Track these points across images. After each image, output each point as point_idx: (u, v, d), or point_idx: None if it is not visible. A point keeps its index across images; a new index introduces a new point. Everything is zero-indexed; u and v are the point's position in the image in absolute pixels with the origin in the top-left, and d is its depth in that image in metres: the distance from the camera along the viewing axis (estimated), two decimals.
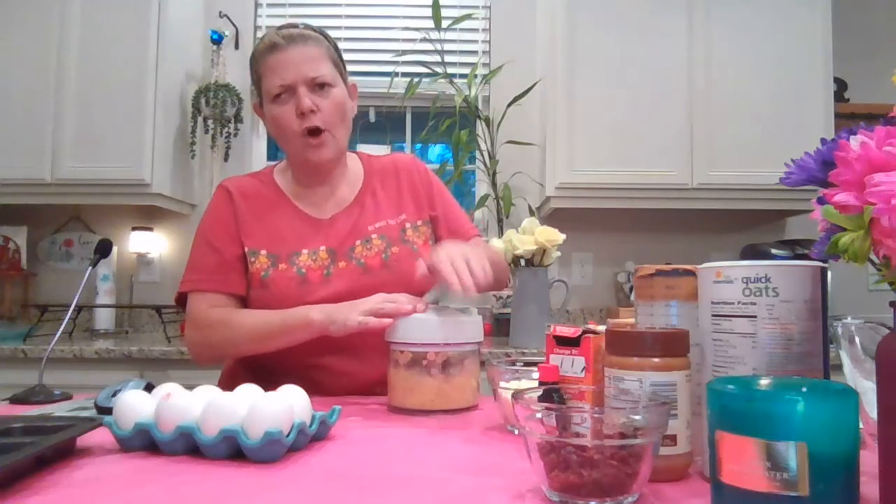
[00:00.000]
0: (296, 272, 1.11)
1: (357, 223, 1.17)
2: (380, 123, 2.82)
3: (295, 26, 1.13)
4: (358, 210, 1.19)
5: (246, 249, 1.12)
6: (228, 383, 1.05)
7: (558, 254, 2.13)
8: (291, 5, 2.80)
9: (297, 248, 1.13)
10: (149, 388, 0.80)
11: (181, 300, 1.15)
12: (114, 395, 0.86)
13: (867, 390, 0.64)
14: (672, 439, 0.58)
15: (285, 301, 1.06)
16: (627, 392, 0.59)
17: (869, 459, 0.50)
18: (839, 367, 0.71)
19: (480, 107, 2.68)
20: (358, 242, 1.15)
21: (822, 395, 0.44)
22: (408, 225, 1.20)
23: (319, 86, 1.10)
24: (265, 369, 1.09)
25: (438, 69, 2.63)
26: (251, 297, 1.12)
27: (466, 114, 2.59)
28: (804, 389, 0.45)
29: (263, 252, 1.12)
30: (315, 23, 1.21)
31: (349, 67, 1.21)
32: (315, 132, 1.10)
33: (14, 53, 2.35)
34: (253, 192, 1.18)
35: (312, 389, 0.81)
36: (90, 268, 1.18)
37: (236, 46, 2.73)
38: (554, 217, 2.55)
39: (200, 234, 1.16)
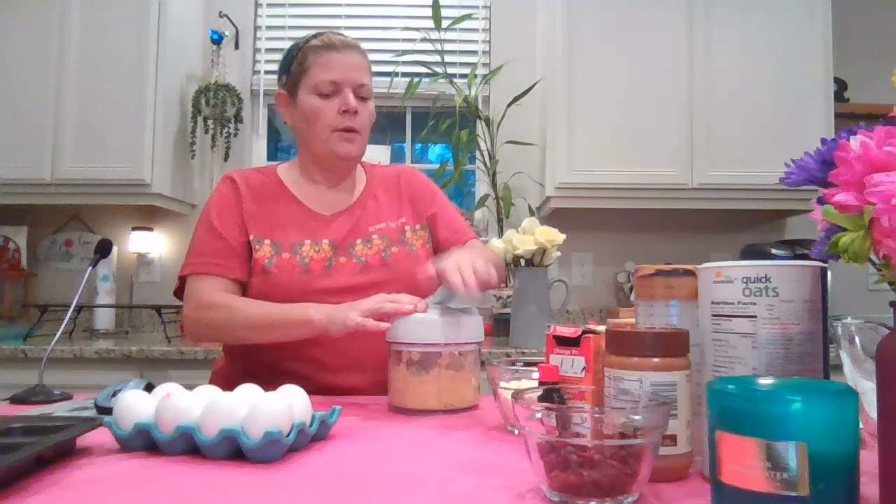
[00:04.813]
0: (299, 262, 1.13)
1: (358, 223, 1.20)
2: (380, 123, 2.80)
3: (342, 35, 1.21)
4: (359, 211, 1.23)
5: (251, 237, 1.14)
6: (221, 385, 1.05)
7: (558, 254, 2.13)
8: (291, 5, 2.80)
9: (301, 238, 1.16)
10: (149, 388, 0.80)
11: (179, 291, 1.16)
12: (114, 395, 0.86)
13: (867, 390, 0.64)
14: (672, 439, 0.58)
15: (287, 289, 1.08)
16: (627, 392, 0.59)
17: (869, 459, 0.50)
18: (839, 367, 0.71)
19: (480, 107, 2.68)
20: (358, 241, 1.19)
21: (822, 395, 0.44)
22: (407, 228, 1.24)
23: (361, 95, 1.17)
24: (262, 370, 1.09)
25: (438, 69, 2.63)
26: (253, 283, 1.13)
27: (466, 114, 2.59)
28: (804, 389, 0.45)
29: (268, 241, 1.15)
30: (316, 23, 1.24)
31: None
32: (350, 129, 1.16)
33: (14, 53, 2.35)
34: (257, 184, 1.21)
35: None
36: (90, 268, 1.18)
37: (236, 46, 2.73)
38: (554, 217, 2.55)
39: (204, 220, 1.17)
